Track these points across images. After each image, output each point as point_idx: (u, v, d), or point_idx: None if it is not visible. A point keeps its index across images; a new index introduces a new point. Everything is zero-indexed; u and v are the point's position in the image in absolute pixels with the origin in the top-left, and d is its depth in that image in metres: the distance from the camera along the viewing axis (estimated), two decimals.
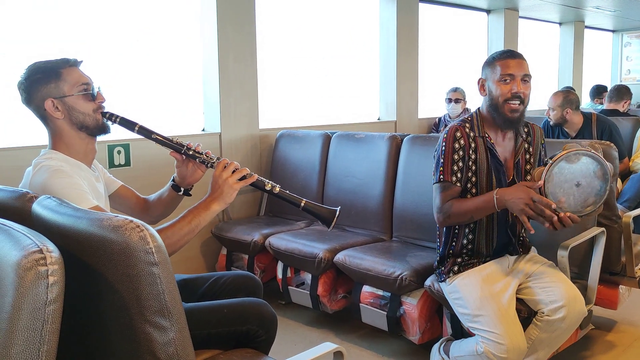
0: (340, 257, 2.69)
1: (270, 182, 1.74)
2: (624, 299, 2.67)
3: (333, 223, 1.74)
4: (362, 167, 3.20)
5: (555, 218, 1.84)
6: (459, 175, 2.08)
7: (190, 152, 1.75)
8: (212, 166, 1.73)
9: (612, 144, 2.61)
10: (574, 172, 1.91)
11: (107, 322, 1.14)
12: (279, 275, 3.01)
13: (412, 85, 4.99)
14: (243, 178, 1.69)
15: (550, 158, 1.94)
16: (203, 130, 3.66)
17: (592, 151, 1.93)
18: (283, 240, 2.98)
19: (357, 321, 2.69)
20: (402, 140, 3.07)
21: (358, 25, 4.87)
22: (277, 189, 1.72)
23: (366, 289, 2.60)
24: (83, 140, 1.71)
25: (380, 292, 2.55)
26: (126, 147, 3.08)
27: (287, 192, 1.75)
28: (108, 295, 1.10)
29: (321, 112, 4.59)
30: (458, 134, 2.10)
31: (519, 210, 1.91)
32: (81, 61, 1.73)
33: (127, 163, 3.11)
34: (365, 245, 2.85)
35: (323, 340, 1.46)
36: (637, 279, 2.58)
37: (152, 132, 1.74)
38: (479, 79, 2.17)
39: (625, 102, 4.86)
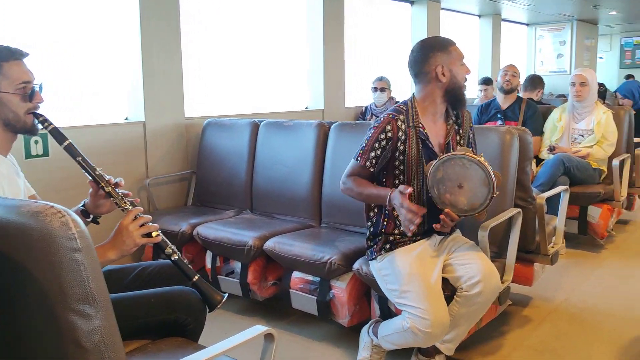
0: (269, 244, 2.70)
1: (173, 247, 1.72)
2: (538, 275, 2.83)
3: (218, 306, 1.73)
4: (290, 154, 3.21)
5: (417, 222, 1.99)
6: (373, 162, 2.17)
7: (107, 190, 1.69)
8: (123, 211, 1.67)
9: (527, 130, 2.75)
10: (458, 174, 2.04)
11: (31, 313, 1.09)
12: (208, 264, 2.98)
13: (338, 74, 5.04)
14: (149, 235, 1.64)
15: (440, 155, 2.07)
16: (126, 119, 3.55)
17: (482, 161, 2.02)
18: (211, 229, 2.95)
19: (287, 307, 2.71)
20: (329, 127, 3.11)
21: (285, 13, 4.86)
22: (176, 256, 1.72)
23: (296, 274, 2.63)
24: (3, 135, 1.63)
25: (310, 278, 2.58)
26: (44, 136, 2.94)
27: (185, 261, 1.75)
28: (30, 285, 1.06)
29: (250, 100, 4.56)
30: (388, 127, 2.15)
31: (401, 215, 2.04)
32: (27, 54, 1.63)
33: (46, 153, 2.97)
34: (294, 232, 2.87)
35: None
36: (550, 256, 2.74)
37: (78, 154, 1.68)
38: (434, 67, 2.15)
39: (539, 91, 5.13)
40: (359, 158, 2.19)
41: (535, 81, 5.24)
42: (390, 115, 2.17)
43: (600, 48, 10.72)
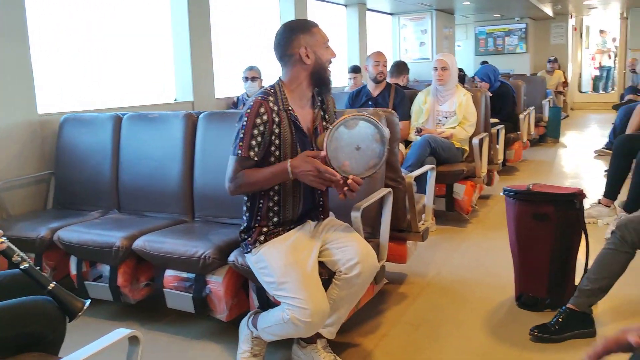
0: (139, 243, 2.54)
1: (22, 254, 1.58)
2: (411, 253, 2.93)
3: (79, 315, 1.59)
4: (158, 148, 3.05)
5: (341, 181, 1.95)
6: (256, 150, 2.08)
7: None
8: None
9: (394, 112, 2.83)
10: (353, 137, 2.02)
11: None
12: (73, 271, 2.75)
13: (207, 65, 4.89)
14: None
15: (331, 124, 2.04)
16: None
17: (369, 116, 2.05)
18: (75, 232, 2.73)
19: (163, 308, 2.57)
20: (197, 117, 2.99)
21: (148, 4, 4.62)
22: (26, 264, 1.57)
23: (169, 273, 2.50)
24: None
25: (184, 275, 2.47)
26: None
27: (37, 269, 1.61)
28: None
29: (113, 94, 4.30)
30: (262, 110, 2.07)
31: (310, 182, 2.00)
32: None
33: None
34: (165, 228, 2.73)
35: None
36: (421, 233, 2.85)
37: None
38: (298, 49, 2.10)
39: (404, 77, 5.35)
40: (239, 151, 2.07)
41: (400, 67, 5.45)
42: (260, 98, 2.11)
43: (458, 37, 11.43)
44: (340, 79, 7.03)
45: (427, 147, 3.94)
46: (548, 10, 11.42)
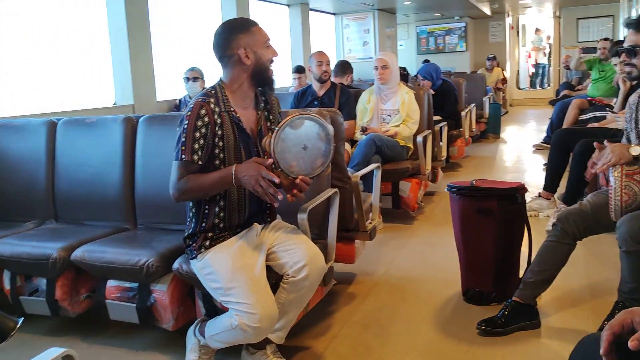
0: (78, 254, 2.43)
1: None
2: (359, 252, 2.93)
3: (11, 335, 1.49)
4: (96, 154, 2.93)
5: (286, 183, 1.92)
6: (200, 153, 2.02)
7: None
8: None
9: (338, 111, 2.82)
10: (300, 136, 1.99)
11: None
12: (7, 286, 2.60)
13: (147, 67, 4.75)
14: None
15: (276, 125, 2.00)
16: None
17: (314, 115, 2.02)
18: (7, 245, 2.58)
19: (106, 320, 2.47)
20: (137, 121, 2.90)
21: (82, 3, 4.45)
22: None
23: (111, 283, 2.40)
24: None
25: (127, 285, 2.38)
26: None
27: None
28: None
29: (47, 99, 4.11)
30: (203, 112, 2.02)
31: (252, 188, 1.94)
32: None
33: None
34: (106, 237, 2.62)
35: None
36: (369, 232, 2.85)
37: None
38: (237, 49, 2.06)
39: (348, 76, 5.36)
40: (182, 156, 2.00)
41: (344, 66, 5.47)
42: (200, 100, 2.05)
43: (400, 36, 11.59)
44: (284, 79, 7.00)
45: (372, 145, 3.95)
46: (486, 9, 11.73)
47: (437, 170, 4.73)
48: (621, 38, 7.52)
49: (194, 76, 4.83)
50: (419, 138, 4.22)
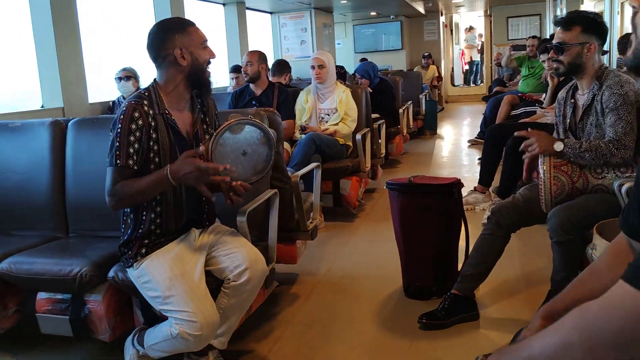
0: (4, 266, 2.30)
1: None
2: (301, 252, 2.92)
3: None
4: (22, 160, 2.79)
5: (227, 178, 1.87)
6: (135, 157, 1.95)
7: None
8: None
9: (276, 111, 2.80)
10: (239, 142, 1.96)
11: None
12: None
13: (77, 68, 4.56)
14: None
15: (213, 128, 1.96)
16: None
17: (255, 119, 2.00)
18: None
19: (38, 334, 2.35)
20: (66, 125, 2.78)
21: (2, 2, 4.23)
22: None
23: (42, 295, 2.28)
24: None
25: (59, 296, 2.27)
26: None
27: None
28: None
29: None
30: (136, 114, 1.95)
31: (194, 183, 1.89)
32: None
33: None
34: (35, 247, 2.49)
35: None
36: (310, 232, 2.84)
37: None
38: (173, 49, 1.99)
39: (286, 75, 5.33)
40: (117, 161, 1.93)
41: (282, 66, 5.43)
42: (133, 102, 1.98)
43: (337, 35, 11.65)
44: (222, 79, 6.90)
45: (312, 145, 3.95)
46: (420, 8, 11.97)
47: (376, 168, 4.78)
48: (548, 36, 7.85)
49: (126, 75, 4.68)
50: (358, 136, 4.25)
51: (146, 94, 2.03)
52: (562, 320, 0.84)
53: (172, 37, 2.02)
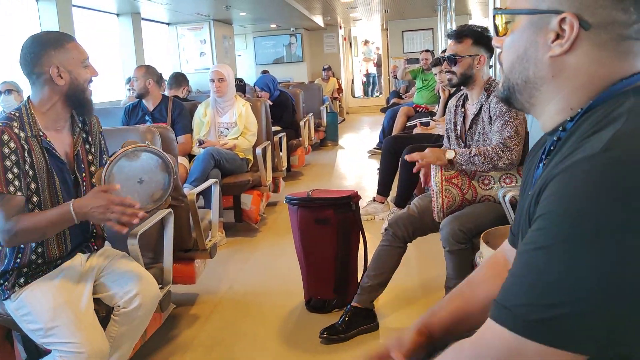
0: None
1: None
2: (200, 271, 2.84)
3: None
4: None
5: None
6: (16, 183, 1.79)
7: None
8: None
9: (169, 127, 2.73)
10: (135, 169, 1.89)
11: None
12: None
13: None
14: None
15: (110, 157, 1.87)
16: None
17: (152, 146, 1.92)
18: None
19: None
20: None
21: None
22: None
23: None
24: None
25: None
26: None
27: None
28: None
29: None
30: (6, 137, 1.78)
31: (102, 219, 1.79)
32: None
33: None
34: None
35: None
36: (209, 250, 2.77)
37: None
38: (48, 67, 1.85)
39: (184, 89, 5.22)
40: None
41: (179, 78, 5.31)
42: (2, 124, 1.82)
43: (238, 46, 11.58)
44: (115, 92, 6.63)
45: (210, 159, 3.86)
46: (319, 21, 12.16)
47: (278, 181, 4.77)
48: (440, 49, 8.24)
49: (7, 89, 4.37)
50: (258, 150, 4.21)
51: (17, 114, 1.87)
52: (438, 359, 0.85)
53: (47, 54, 1.87)
